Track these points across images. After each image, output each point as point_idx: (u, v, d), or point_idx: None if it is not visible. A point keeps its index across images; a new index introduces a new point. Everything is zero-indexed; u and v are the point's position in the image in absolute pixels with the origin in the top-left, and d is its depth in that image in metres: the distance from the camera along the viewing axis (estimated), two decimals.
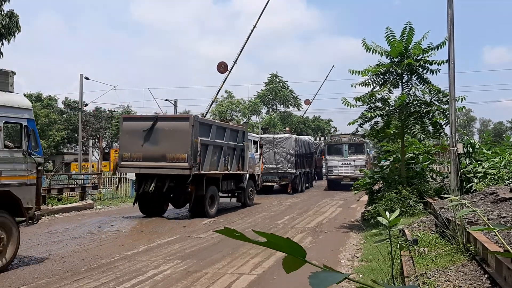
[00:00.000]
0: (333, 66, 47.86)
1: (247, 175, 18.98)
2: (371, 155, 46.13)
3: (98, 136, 44.63)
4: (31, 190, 8.58)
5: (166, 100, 34.56)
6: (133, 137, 14.67)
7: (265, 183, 24.01)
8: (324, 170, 34.11)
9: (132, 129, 14.89)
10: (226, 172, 16.71)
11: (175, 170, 14.14)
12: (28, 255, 9.48)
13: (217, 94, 30.93)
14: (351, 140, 28.21)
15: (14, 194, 8.17)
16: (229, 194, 18.90)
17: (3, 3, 14.98)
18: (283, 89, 56.48)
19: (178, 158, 14.10)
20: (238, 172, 17.79)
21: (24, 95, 50.34)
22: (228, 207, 18.72)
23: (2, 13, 14.63)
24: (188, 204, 15.74)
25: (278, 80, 57.31)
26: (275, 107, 58.24)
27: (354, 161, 27.99)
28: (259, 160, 21.39)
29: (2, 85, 8.35)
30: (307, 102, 50.26)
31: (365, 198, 18.25)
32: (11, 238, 8.19)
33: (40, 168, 8.86)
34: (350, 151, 28.36)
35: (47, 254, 9.54)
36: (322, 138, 43.72)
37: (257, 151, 21.17)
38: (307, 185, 30.25)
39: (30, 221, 8.65)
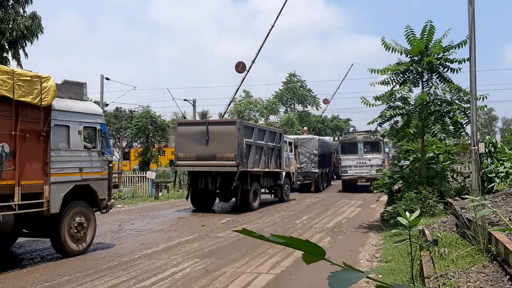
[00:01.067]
0: (352, 65, 47.81)
1: (284, 173, 20.73)
2: (390, 154, 45.62)
3: (118, 135, 45.18)
4: (104, 184, 10.08)
5: (185, 100, 34.82)
6: (187, 140, 16.75)
7: None
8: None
9: (185, 132, 17.00)
10: (266, 169, 18.55)
11: (224, 167, 16.09)
12: (51, 253, 9.67)
13: (235, 94, 31.06)
14: (367, 138, 26.58)
15: (92, 187, 9.67)
16: (267, 191, 20.68)
17: (26, 5, 15.26)
18: (301, 89, 56.22)
19: (226, 157, 15.96)
20: (276, 170, 19.59)
21: None
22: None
23: (25, 14, 14.91)
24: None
25: (296, 79, 57.08)
26: (293, 106, 58.04)
27: (369, 160, 26.14)
28: (294, 159, 23.39)
29: (79, 95, 9.78)
30: (326, 101, 50.03)
31: (385, 198, 18.10)
32: (90, 225, 9.67)
33: (110, 165, 10.42)
34: (365, 150, 26.53)
35: None
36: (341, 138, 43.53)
37: (292, 151, 23.04)
38: (325, 184, 30.74)
39: (103, 211, 10.12)
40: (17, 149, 8.09)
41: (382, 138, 24.89)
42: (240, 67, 28.88)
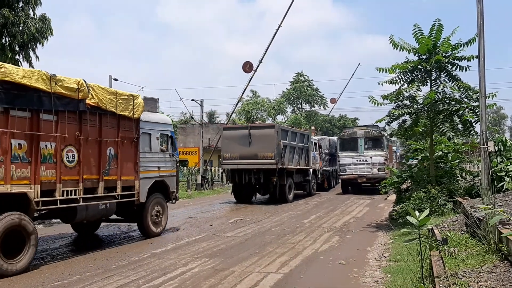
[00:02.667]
0: (359, 64, 47.72)
1: (311, 170, 23.43)
2: (398, 153, 45.33)
3: None
4: (174, 180, 12.46)
5: (193, 100, 34.79)
6: (231, 142, 19.46)
7: None
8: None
9: (230, 136, 19.75)
10: (298, 167, 21.21)
11: (265, 165, 18.63)
12: (61, 253, 9.74)
13: (242, 94, 31.08)
14: (368, 133, 24.13)
15: (166, 182, 12.02)
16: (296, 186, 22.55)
17: (35, 6, 15.33)
18: (308, 88, 56.17)
19: (267, 156, 18.56)
20: (305, 167, 22.28)
21: None
22: (261, 200, 18.81)
23: (35, 17, 14.99)
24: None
25: (303, 79, 57.04)
26: (300, 106, 57.99)
27: (371, 157, 23.71)
28: (319, 158, 26.12)
29: (153, 108, 12.10)
30: (333, 100, 49.95)
31: (393, 197, 18.03)
32: (164, 213, 12.00)
33: (178, 164, 12.75)
34: (366, 146, 24.03)
35: (79, 252, 9.80)
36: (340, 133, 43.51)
37: (316, 151, 25.61)
38: (335, 181, 31.88)
39: (173, 201, 12.53)
40: (119, 152, 10.28)
41: (384, 134, 22.65)
42: (247, 67, 28.88)
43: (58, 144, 8.72)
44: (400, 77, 12.69)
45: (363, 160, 23.78)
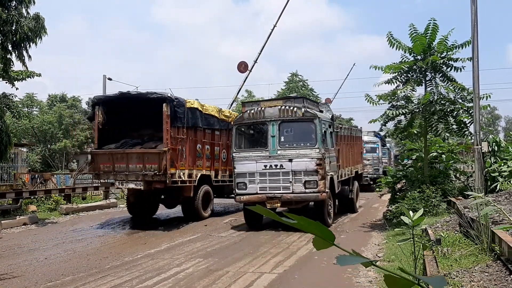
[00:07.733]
0: (354, 64, 47.65)
1: None
2: (392, 152, 45.08)
3: None
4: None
5: None
6: None
7: None
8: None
9: None
10: None
11: None
12: (54, 253, 9.70)
13: (237, 94, 31.06)
14: (286, 112, 12.19)
15: None
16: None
17: (29, 6, 15.18)
18: (303, 88, 56.22)
19: None
20: None
21: (49, 96, 50.46)
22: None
23: (28, 16, 14.85)
24: None
25: (298, 79, 57.11)
26: None
27: (290, 161, 11.98)
28: None
29: None
30: (328, 101, 49.97)
31: (387, 197, 18.04)
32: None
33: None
34: (283, 139, 12.35)
35: (72, 252, 9.76)
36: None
37: None
38: None
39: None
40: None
41: (317, 114, 12.37)
42: (242, 67, 28.88)
43: (220, 148, 15.18)
44: (395, 77, 12.71)
45: (276, 165, 12.14)
